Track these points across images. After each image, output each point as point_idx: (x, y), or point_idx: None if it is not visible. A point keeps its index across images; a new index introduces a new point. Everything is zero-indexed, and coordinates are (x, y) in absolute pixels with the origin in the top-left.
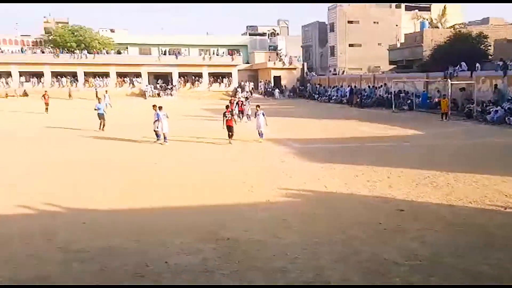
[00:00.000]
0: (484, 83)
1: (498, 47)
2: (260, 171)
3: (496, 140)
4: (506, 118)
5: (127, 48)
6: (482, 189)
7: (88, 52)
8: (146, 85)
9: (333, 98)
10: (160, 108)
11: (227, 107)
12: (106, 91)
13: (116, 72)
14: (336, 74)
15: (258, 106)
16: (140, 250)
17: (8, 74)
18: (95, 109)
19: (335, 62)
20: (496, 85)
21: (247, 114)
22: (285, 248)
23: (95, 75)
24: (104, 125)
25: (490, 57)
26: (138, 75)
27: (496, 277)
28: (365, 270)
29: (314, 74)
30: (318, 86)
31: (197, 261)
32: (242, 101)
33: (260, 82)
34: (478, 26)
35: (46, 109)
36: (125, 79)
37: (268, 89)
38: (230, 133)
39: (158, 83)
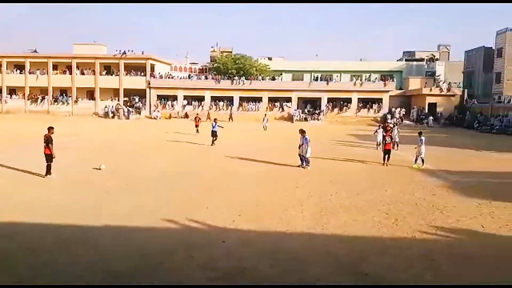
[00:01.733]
0: None
1: None
2: (406, 202)
3: None
4: None
5: (281, 74)
6: None
7: (245, 78)
8: (295, 110)
9: (495, 128)
10: (303, 132)
11: (386, 130)
12: (265, 114)
13: (268, 97)
14: (501, 102)
15: (420, 133)
16: (274, 274)
17: (175, 98)
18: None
19: (501, 90)
20: None
21: (395, 142)
22: None
23: (249, 99)
24: (214, 142)
25: None
26: (288, 100)
27: None
28: None
29: (475, 102)
30: (479, 115)
31: None
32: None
33: (413, 108)
34: None
35: (197, 130)
36: (275, 103)
37: (421, 116)
38: (387, 156)
39: (307, 108)
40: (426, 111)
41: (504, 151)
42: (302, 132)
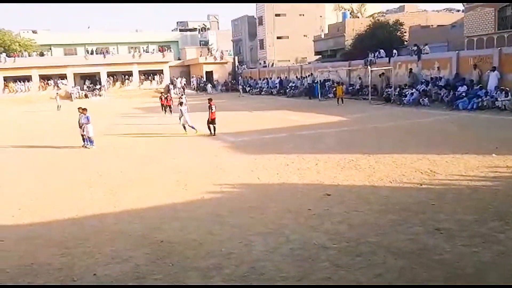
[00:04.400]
0: (400, 68)
1: (413, 33)
2: (194, 168)
3: (410, 121)
4: (421, 99)
5: (50, 49)
6: (400, 168)
7: (7, 56)
8: (72, 87)
9: (264, 90)
10: (84, 110)
11: (209, 100)
12: (57, 93)
13: (39, 75)
14: (266, 66)
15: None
16: (65, 264)
17: None
18: None
19: (265, 55)
20: (411, 69)
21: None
22: (220, 245)
23: (16, 79)
24: None
25: (405, 43)
26: (63, 76)
27: (414, 251)
28: (296, 258)
29: (245, 68)
30: (249, 79)
31: (128, 269)
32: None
33: (193, 77)
34: (395, 14)
35: None
36: (49, 81)
37: (201, 85)
38: (214, 126)
39: (86, 84)
40: (205, 79)
41: (269, 109)
42: (83, 110)
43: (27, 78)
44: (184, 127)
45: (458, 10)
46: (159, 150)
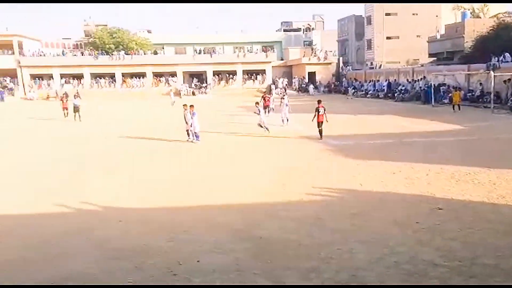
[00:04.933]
0: None
1: None
2: (293, 169)
3: None
4: None
5: (163, 48)
6: None
7: (125, 53)
8: (181, 84)
9: (369, 92)
10: (191, 107)
11: (318, 101)
12: (171, 89)
13: (153, 72)
14: (373, 68)
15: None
16: (172, 248)
17: (50, 77)
18: None
19: (372, 56)
20: None
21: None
22: (319, 248)
23: (132, 75)
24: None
25: None
26: (173, 74)
27: None
28: (401, 271)
29: (350, 69)
30: (354, 80)
31: (228, 261)
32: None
33: (294, 78)
34: None
35: (65, 114)
36: (161, 78)
37: (302, 85)
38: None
39: (193, 82)
40: (307, 80)
41: (375, 113)
42: (190, 106)
43: (142, 75)
44: (261, 126)
45: None
46: (260, 150)
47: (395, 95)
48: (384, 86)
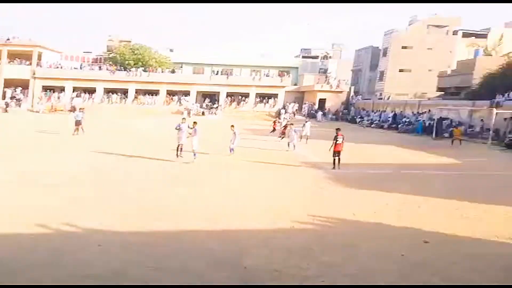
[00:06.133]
0: None
1: None
2: (291, 195)
3: None
4: None
5: (181, 67)
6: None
7: (144, 70)
8: (192, 104)
9: (374, 122)
10: (195, 123)
11: (337, 129)
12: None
13: (167, 90)
14: (381, 99)
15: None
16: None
17: (62, 89)
18: None
19: (382, 87)
20: None
21: (307, 136)
22: (304, 280)
23: (145, 92)
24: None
25: None
26: (187, 93)
27: None
28: None
29: (359, 98)
30: (361, 110)
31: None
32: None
33: (305, 104)
34: None
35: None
36: (173, 97)
37: (312, 111)
38: (338, 158)
39: (205, 102)
40: (317, 106)
41: (377, 143)
42: (194, 123)
43: (155, 92)
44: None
45: None
46: (261, 176)
47: (399, 126)
48: (389, 117)
